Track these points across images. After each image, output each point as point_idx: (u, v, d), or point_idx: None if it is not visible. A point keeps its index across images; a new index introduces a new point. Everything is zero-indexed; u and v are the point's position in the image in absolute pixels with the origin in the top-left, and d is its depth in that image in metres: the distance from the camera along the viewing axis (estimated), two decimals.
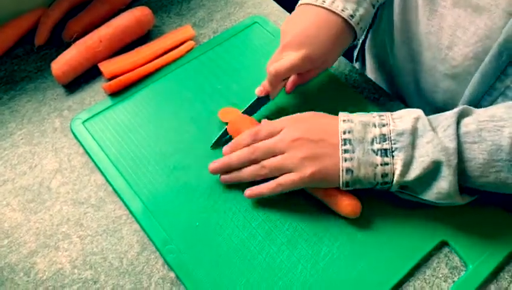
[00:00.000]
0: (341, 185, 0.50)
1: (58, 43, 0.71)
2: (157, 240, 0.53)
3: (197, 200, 0.55)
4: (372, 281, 0.49)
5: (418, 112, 0.50)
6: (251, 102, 0.61)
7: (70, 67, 0.65)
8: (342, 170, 0.49)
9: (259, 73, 0.67)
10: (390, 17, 0.68)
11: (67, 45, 0.67)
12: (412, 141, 0.48)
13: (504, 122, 0.46)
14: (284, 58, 0.56)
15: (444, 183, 0.47)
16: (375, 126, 0.50)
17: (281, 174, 0.52)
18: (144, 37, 0.71)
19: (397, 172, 0.48)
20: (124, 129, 0.61)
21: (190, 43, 0.70)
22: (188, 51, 0.69)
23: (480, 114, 0.48)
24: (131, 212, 0.55)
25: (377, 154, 0.49)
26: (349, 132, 0.50)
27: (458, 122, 0.47)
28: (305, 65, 0.57)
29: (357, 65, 0.87)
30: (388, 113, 0.51)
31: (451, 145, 0.46)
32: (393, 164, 0.48)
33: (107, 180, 0.57)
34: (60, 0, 0.72)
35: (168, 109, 0.64)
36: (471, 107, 0.49)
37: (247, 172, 0.54)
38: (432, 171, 0.47)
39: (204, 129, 0.61)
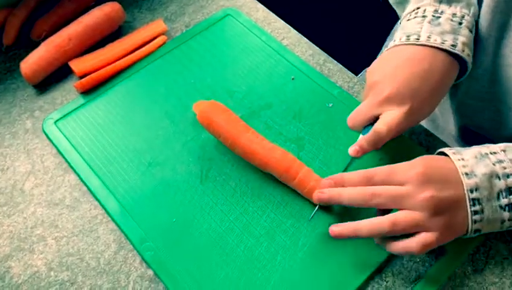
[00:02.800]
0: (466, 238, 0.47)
1: (27, 43, 0.69)
2: (134, 238, 0.52)
3: (173, 196, 0.55)
4: (351, 268, 0.50)
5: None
6: (346, 164, 0.55)
7: (39, 67, 0.64)
8: (471, 231, 0.46)
9: (232, 65, 0.66)
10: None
11: (36, 44, 0.66)
12: None
13: None
14: (389, 116, 0.50)
15: None
16: (499, 178, 0.45)
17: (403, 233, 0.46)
18: (115, 33, 0.70)
19: None
20: (97, 128, 0.60)
21: (162, 38, 0.69)
22: (160, 46, 0.68)
23: None
24: (106, 211, 0.54)
25: (504, 210, 0.45)
26: (476, 190, 0.45)
27: None
28: (411, 123, 0.51)
29: None
30: (504, 156, 0.46)
31: None
32: None
33: (82, 180, 0.57)
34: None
35: (142, 105, 0.63)
36: None
37: (367, 227, 0.46)
38: None
39: (179, 124, 0.61)
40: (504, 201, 0.45)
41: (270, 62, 0.66)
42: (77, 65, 0.65)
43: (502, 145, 0.47)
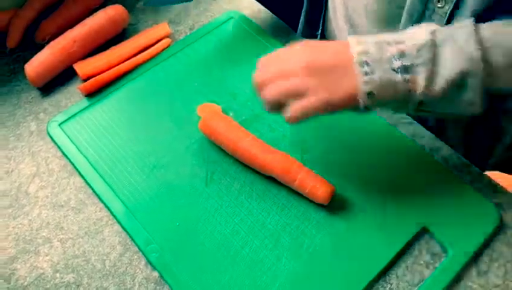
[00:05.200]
0: (361, 107, 0.47)
1: (31, 45, 0.70)
2: (139, 240, 0.52)
3: (178, 199, 0.55)
4: (355, 271, 0.50)
5: (432, 25, 0.47)
6: None
7: (44, 70, 0.64)
8: (363, 93, 0.46)
9: (236, 68, 0.66)
10: None
11: (40, 47, 0.66)
12: (433, 54, 0.45)
13: None
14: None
15: (470, 94, 0.45)
16: (390, 44, 0.46)
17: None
18: (119, 35, 0.71)
19: (420, 88, 0.45)
20: (101, 130, 0.61)
21: (166, 41, 0.69)
22: (164, 49, 0.69)
23: (488, 23, 0.47)
24: (112, 213, 0.54)
25: (397, 73, 0.45)
26: (364, 53, 0.46)
27: (476, 29, 0.46)
28: None
29: None
30: (400, 32, 0.48)
31: (477, 53, 0.44)
32: (416, 81, 0.45)
33: (87, 183, 0.57)
34: (32, 1, 0.71)
35: (146, 107, 0.63)
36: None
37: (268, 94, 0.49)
38: (458, 83, 0.45)
39: (183, 127, 0.61)
40: (396, 64, 0.45)
41: None
42: (81, 68, 0.65)
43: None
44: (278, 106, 0.49)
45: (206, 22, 0.73)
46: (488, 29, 0.46)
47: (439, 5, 0.53)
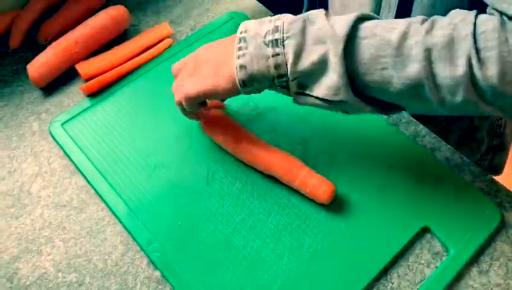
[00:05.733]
0: (238, 84, 0.48)
1: (34, 46, 0.70)
2: (141, 240, 0.52)
3: (180, 198, 0.55)
4: (357, 270, 0.50)
5: (320, 10, 0.47)
6: None
7: (46, 70, 0.65)
8: (236, 68, 0.48)
9: None
10: None
11: (42, 47, 0.66)
12: (303, 27, 0.46)
13: (399, 25, 0.44)
14: None
15: (333, 74, 0.45)
16: (269, 21, 0.48)
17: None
18: (121, 36, 0.71)
19: (290, 61, 0.46)
20: (103, 130, 0.61)
21: (168, 41, 0.69)
22: (165, 49, 0.69)
23: (383, 20, 0.46)
24: (113, 213, 0.55)
25: (268, 46, 0.46)
26: (245, 31, 0.48)
27: (359, 20, 0.45)
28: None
29: None
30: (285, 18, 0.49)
31: (341, 33, 0.44)
32: (284, 54, 0.46)
33: (89, 182, 0.57)
34: (34, 2, 0.71)
35: (148, 107, 0.63)
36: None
37: None
38: (322, 61, 0.45)
39: (184, 127, 0.61)
40: (269, 37, 0.46)
41: None
42: (83, 68, 0.65)
43: None
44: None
45: (207, 22, 0.73)
46: (372, 23, 0.45)
47: None
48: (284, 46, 0.46)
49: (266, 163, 0.55)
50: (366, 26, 0.45)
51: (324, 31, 0.45)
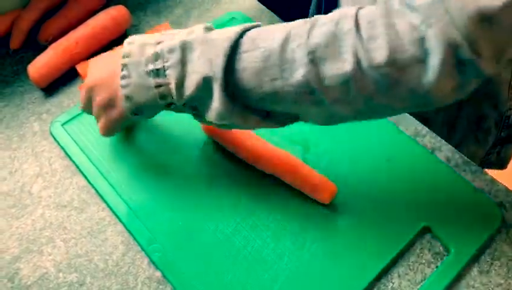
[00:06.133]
0: (127, 113, 0.49)
1: (34, 46, 0.70)
2: (142, 240, 0.52)
3: (181, 198, 0.55)
4: (357, 270, 0.50)
5: (206, 24, 0.46)
6: None
7: (47, 70, 0.65)
8: (123, 99, 0.47)
9: None
10: None
11: (43, 48, 0.67)
12: (183, 56, 0.44)
13: (280, 31, 0.42)
14: None
15: (216, 102, 0.43)
16: (152, 45, 0.46)
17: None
18: (122, 36, 0.71)
19: (173, 92, 0.45)
20: None
21: None
22: None
23: (259, 28, 0.45)
24: (114, 213, 0.55)
25: (149, 76, 0.45)
26: (128, 56, 0.46)
27: (241, 35, 0.43)
28: None
29: None
30: (172, 31, 0.48)
31: (219, 58, 0.42)
32: (167, 84, 0.45)
33: (89, 183, 0.57)
34: (35, 3, 0.71)
35: None
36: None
37: None
38: (205, 89, 0.44)
39: (186, 127, 0.61)
40: (150, 66, 0.45)
41: None
42: (84, 68, 0.66)
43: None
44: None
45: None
46: (253, 33, 0.43)
47: None
48: (165, 76, 0.45)
49: (267, 163, 0.55)
50: (246, 39, 0.43)
51: (203, 58, 0.43)
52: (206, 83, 0.43)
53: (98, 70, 0.52)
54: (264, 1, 0.76)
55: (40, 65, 0.64)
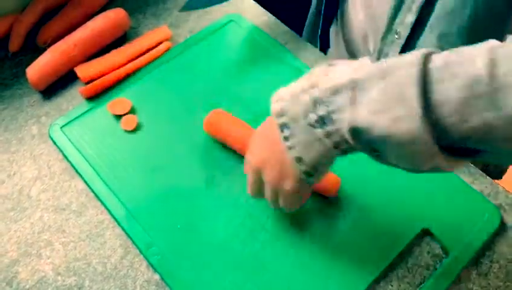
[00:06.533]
0: (302, 178, 0.43)
1: (33, 49, 0.70)
2: (141, 243, 0.52)
3: (179, 201, 0.55)
4: (356, 272, 0.50)
5: (362, 61, 0.39)
6: None
7: (46, 73, 0.65)
8: (293, 162, 0.41)
9: (236, 71, 0.67)
10: None
11: (42, 51, 0.67)
12: (353, 97, 0.36)
13: (474, 52, 0.34)
14: None
15: (416, 143, 0.35)
16: (304, 92, 0.39)
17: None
18: (120, 39, 0.71)
19: (347, 136, 0.37)
20: (102, 133, 0.61)
21: (167, 44, 0.69)
22: (164, 52, 0.69)
23: (443, 53, 0.36)
24: (113, 216, 0.55)
25: (315, 127, 0.39)
26: (282, 115, 0.41)
27: (424, 63, 0.35)
28: None
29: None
30: (322, 67, 0.40)
31: (412, 90, 0.34)
32: (339, 130, 0.38)
33: (88, 185, 0.57)
34: (33, 6, 0.71)
35: (146, 110, 0.63)
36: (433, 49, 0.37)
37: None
38: (388, 134, 0.36)
39: (184, 129, 0.61)
40: (312, 117, 0.39)
41: (274, 67, 0.67)
42: (83, 71, 0.66)
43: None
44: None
45: (206, 25, 0.73)
46: (440, 59, 0.35)
47: None
48: (333, 122, 0.38)
49: None
50: (434, 66, 0.35)
51: (387, 97, 0.35)
52: (389, 128, 0.35)
53: (257, 147, 0.46)
54: (263, 3, 0.76)
55: (39, 68, 0.64)
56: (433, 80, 0.34)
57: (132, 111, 0.63)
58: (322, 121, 0.38)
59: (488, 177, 0.57)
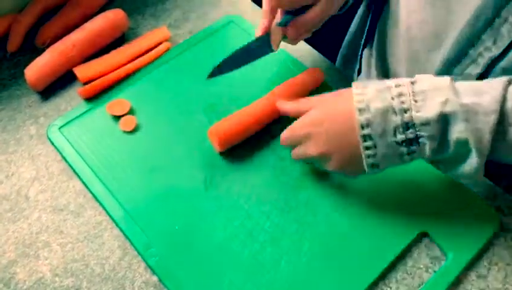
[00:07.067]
0: (368, 172, 0.48)
1: (32, 49, 0.70)
2: (139, 244, 0.52)
3: (178, 202, 0.55)
4: (355, 274, 0.50)
5: (445, 92, 0.44)
6: (249, 42, 0.58)
7: (44, 74, 0.64)
8: (367, 166, 0.47)
9: (236, 72, 0.66)
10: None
11: (40, 51, 0.66)
12: (441, 130, 0.44)
13: None
14: None
15: (469, 168, 0.45)
16: (395, 113, 0.45)
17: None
18: (119, 39, 0.71)
19: (426, 155, 0.46)
20: (101, 134, 0.61)
21: (166, 44, 0.69)
22: (163, 53, 0.69)
23: None
24: (111, 217, 0.55)
25: (401, 146, 0.45)
26: (367, 126, 0.45)
27: (503, 103, 0.43)
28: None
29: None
30: (408, 88, 0.45)
31: (486, 137, 0.43)
32: (420, 150, 0.45)
33: (86, 186, 0.57)
34: (32, 6, 0.71)
35: (145, 111, 0.63)
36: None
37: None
38: (462, 153, 0.45)
39: (182, 130, 0.61)
40: (400, 137, 0.45)
41: (274, 69, 0.67)
42: (81, 72, 0.65)
43: (417, 76, 0.47)
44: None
45: (205, 26, 0.73)
46: None
47: None
48: (419, 144, 0.45)
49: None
50: (510, 109, 0.43)
51: (467, 133, 0.43)
52: (465, 149, 0.44)
53: (336, 149, 0.49)
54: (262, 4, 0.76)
55: (37, 68, 0.64)
56: (507, 122, 0.43)
57: (131, 112, 0.63)
58: (409, 142, 0.45)
59: (487, 179, 0.56)
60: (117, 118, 0.62)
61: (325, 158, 0.49)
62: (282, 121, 0.61)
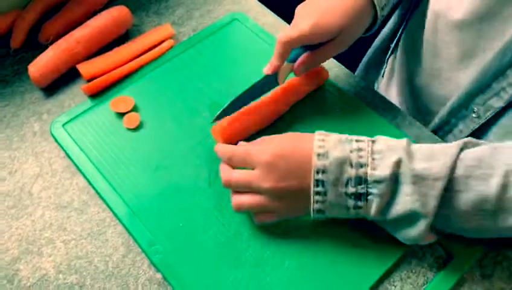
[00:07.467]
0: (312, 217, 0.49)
1: (35, 46, 0.70)
2: (143, 241, 0.52)
3: (181, 200, 0.55)
4: (359, 273, 0.50)
5: (399, 153, 0.45)
6: (255, 82, 0.57)
7: (48, 70, 0.64)
8: (313, 211, 0.48)
9: (239, 70, 0.66)
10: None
11: (44, 48, 0.66)
12: (391, 189, 0.45)
13: (492, 171, 0.43)
14: (294, 27, 0.54)
15: (416, 231, 0.46)
16: (351, 166, 0.45)
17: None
18: (123, 36, 0.71)
19: (371, 213, 0.46)
20: (104, 131, 0.61)
21: (170, 42, 0.69)
22: (167, 50, 0.69)
23: (466, 157, 0.45)
24: (115, 214, 0.54)
25: (350, 198, 0.46)
26: (323, 172, 0.46)
27: (452, 170, 0.44)
28: (315, 33, 0.53)
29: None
30: (367, 145, 0.46)
31: (432, 201, 0.44)
32: (366, 207, 0.46)
33: (90, 183, 0.57)
34: (35, 2, 0.71)
35: (149, 108, 0.63)
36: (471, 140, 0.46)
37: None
38: (408, 219, 0.46)
39: (186, 127, 0.61)
40: (351, 189, 0.45)
41: None
42: (85, 68, 0.65)
43: (377, 137, 0.48)
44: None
45: (209, 23, 0.72)
46: (461, 168, 0.44)
47: None
48: (367, 200, 0.46)
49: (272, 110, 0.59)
50: (460, 177, 0.44)
51: (414, 198, 0.44)
52: (411, 216, 0.45)
53: (285, 173, 0.48)
54: (266, 2, 0.76)
55: (41, 65, 0.64)
56: (454, 189, 0.44)
57: (135, 109, 0.62)
58: (358, 196, 0.46)
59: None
60: (121, 115, 0.62)
61: (280, 196, 0.48)
62: (285, 119, 0.61)
